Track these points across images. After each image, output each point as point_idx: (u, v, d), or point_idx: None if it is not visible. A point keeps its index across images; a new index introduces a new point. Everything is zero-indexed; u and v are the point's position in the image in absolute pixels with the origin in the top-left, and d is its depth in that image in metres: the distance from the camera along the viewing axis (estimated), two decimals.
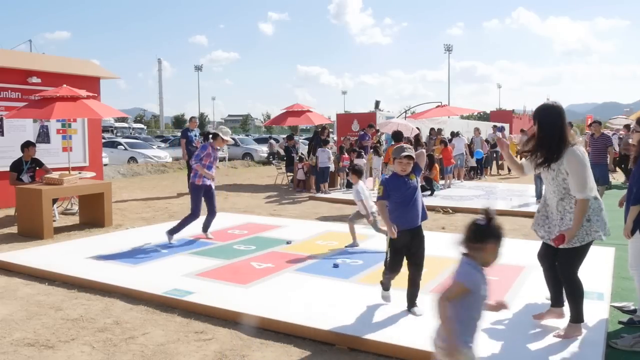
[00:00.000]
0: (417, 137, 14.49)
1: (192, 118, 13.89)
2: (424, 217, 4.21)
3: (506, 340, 3.60)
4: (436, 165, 12.37)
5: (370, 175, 13.60)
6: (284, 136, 20.97)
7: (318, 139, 13.31)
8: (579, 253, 3.64)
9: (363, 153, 13.62)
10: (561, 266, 3.72)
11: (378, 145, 14.57)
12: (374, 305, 4.28)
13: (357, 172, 6.76)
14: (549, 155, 3.63)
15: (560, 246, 3.61)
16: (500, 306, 2.63)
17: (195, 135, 12.98)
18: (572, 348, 3.45)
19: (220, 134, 6.92)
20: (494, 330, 3.76)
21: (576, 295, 3.68)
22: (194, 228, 7.77)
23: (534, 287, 4.23)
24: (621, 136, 17.64)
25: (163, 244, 6.65)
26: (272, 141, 28.25)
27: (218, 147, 6.94)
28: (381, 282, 4.37)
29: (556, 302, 3.94)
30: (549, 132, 3.63)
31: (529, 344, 3.53)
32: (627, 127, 17.32)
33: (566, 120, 3.68)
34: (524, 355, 3.35)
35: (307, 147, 17.31)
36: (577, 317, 3.70)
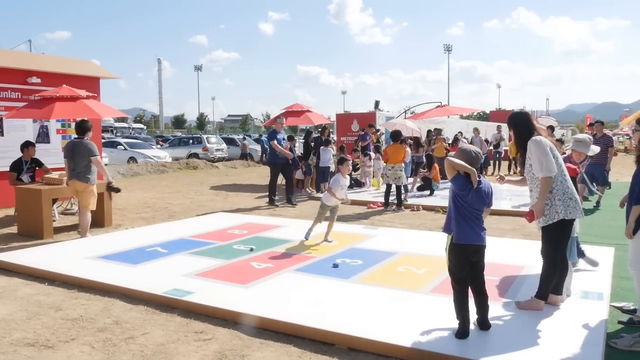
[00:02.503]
0: (417, 138, 14.52)
1: (279, 118, 11.62)
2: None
3: (505, 339, 3.59)
4: (436, 165, 12.37)
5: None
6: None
7: (319, 138, 13.29)
8: (554, 232, 3.94)
9: (370, 154, 13.62)
10: (542, 245, 4.05)
11: (378, 145, 14.61)
12: (374, 305, 4.28)
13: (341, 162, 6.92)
14: (524, 151, 4.06)
15: (535, 223, 4.00)
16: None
17: (283, 139, 10.99)
18: (572, 348, 3.44)
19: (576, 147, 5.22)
20: (493, 330, 3.75)
21: (549, 276, 4.03)
22: (194, 228, 7.78)
23: (534, 287, 4.23)
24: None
25: (163, 243, 6.65)
26: (245, 142, 27.82)
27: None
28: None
29: (555, 289, 4.17)
30: (523, 135, 4.04)
31: (528, 343, 3.53)
32: (550, 127, 17.53)
33: (533, 122, 4.13)
34: (523, 355, 3.35)
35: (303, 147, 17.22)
36: (543, 295, 4.09)
